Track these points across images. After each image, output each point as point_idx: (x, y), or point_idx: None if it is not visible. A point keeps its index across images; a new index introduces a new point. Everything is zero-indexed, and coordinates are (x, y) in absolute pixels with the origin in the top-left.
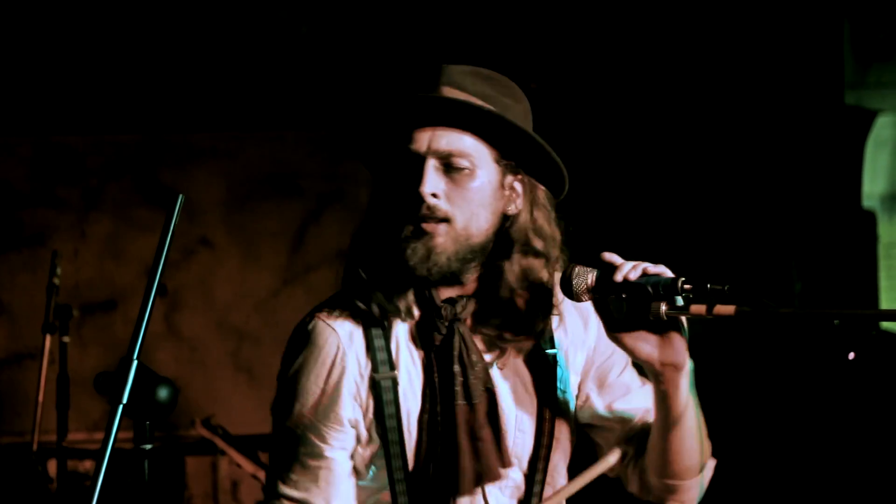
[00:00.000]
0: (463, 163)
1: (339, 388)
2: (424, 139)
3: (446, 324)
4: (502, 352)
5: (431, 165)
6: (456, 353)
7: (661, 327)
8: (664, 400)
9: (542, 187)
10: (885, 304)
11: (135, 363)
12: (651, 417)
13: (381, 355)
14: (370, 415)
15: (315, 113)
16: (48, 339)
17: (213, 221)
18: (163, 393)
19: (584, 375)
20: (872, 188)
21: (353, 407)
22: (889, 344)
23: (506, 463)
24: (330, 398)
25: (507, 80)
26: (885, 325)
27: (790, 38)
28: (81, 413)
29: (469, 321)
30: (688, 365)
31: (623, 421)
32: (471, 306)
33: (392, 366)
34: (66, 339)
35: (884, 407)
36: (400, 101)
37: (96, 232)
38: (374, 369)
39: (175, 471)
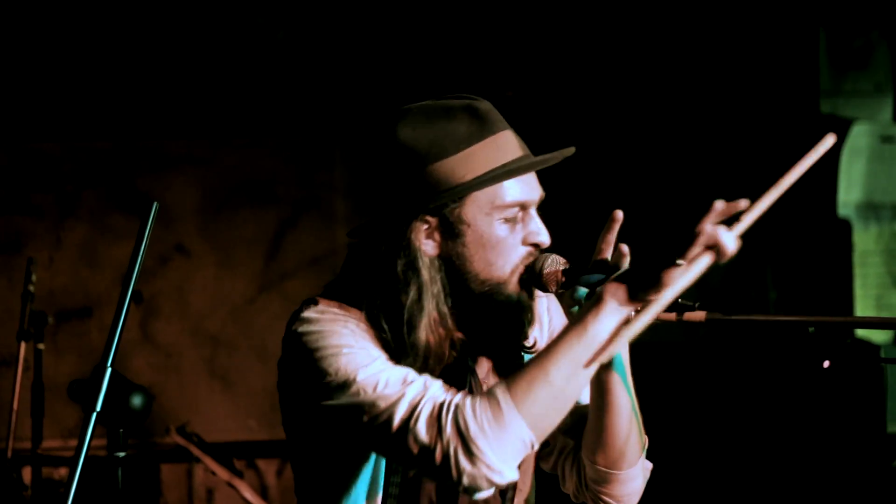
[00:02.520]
0: None
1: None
2: (534, 190)
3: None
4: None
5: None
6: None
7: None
8: (597, 375)
9: None
10: (860, 312)
11: (108, 371)
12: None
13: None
14: None
15: (291, 120)
16: (23, 346)
17: (189, 228)
18: (136, 400)
19: None
20: (848, 197)
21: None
22: (864, 352)
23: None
24: (368, 341)
25: None
26: (860, 333)
27: (766, 47)
28: (56, 420)
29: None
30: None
31: (573, 411)
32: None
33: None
34: (41, 346)
35: (858, 415)
36: (519, 164)
37: (72, 239)
38: None
39: (150, 478)
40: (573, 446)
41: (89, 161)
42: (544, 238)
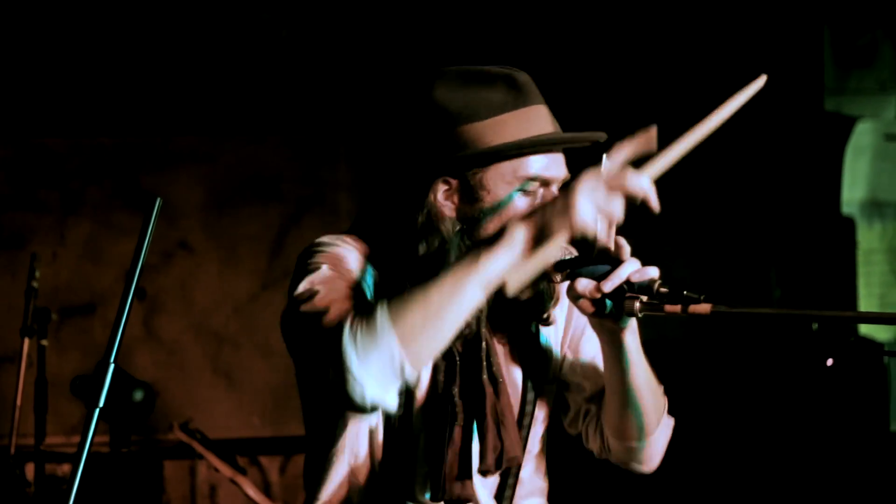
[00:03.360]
0: None
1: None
2: (558, 168)
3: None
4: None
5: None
6: (483, 342)
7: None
8: (611, 356)
9: None
10: (863, 309)
11: (111, 367)
12: None
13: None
14: None
15: (295, 117)
16: (26, 342)
17: (193, 225)
18: (139, 396)
19: (563, 343)
20: (851, 195)
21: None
22: (867, 350)
23: (524, 447)
24: (358, 275)
25: None
26: (864, 331)
27: (770, 44)
28: (59, 416)
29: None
30: (632, 324)
31: (593, 379)
32: None
33: None
34: (44, 342)
35: (862, 413)
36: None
37: (75, 235)
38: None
39: (153, 475)
40: (595, 411)
41: (94, 157)
42: None
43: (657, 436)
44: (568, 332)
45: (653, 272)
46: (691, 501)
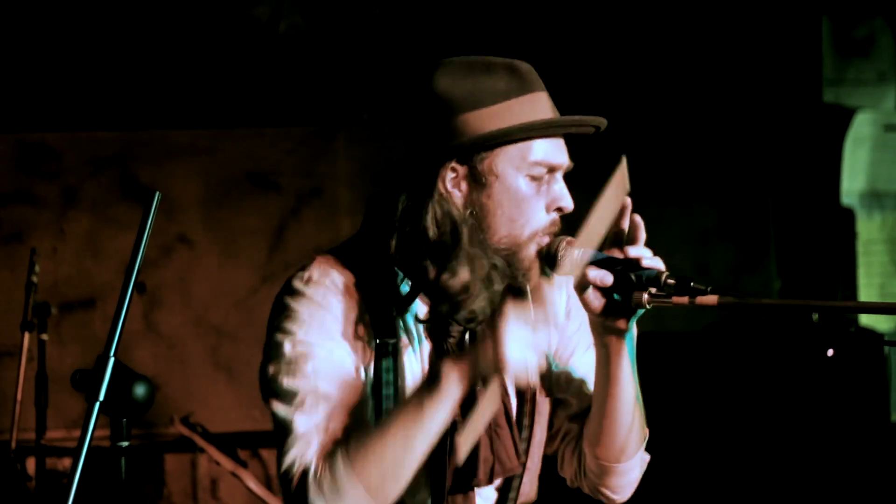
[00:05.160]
0: None
1: (338, 330)
2: (563, 155)
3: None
4: None
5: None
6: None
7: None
8: (605, 363)
9: None
10: (863, 300)
11: (112, 360)
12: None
13: (380, 320)
14: (369, 376)
15: (294, 110)
16: (26, 336)
17: (192, 219)
18: (140, 390)
19: (556, 348)
20: (851, 185)
21: (353, 355)
22: (868, 341)
23: (520, 455)
24: (328, 339)
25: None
26: (864, 321)
27: (769, 35)
28: (60, 411)
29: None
30: (631, 331)
31: (580, 396)
32: None
33: (394, 332)
34: (44, 336)
35: (862, 404)
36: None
37: (75, 229)
38: (376, 333)
39: (154, 469)
40: (576, 432)
41: (92, 152)
42: (567, 202)
43: (634, 462)
44: (560, 345)
45: (660, 264)
46: (691, 492)
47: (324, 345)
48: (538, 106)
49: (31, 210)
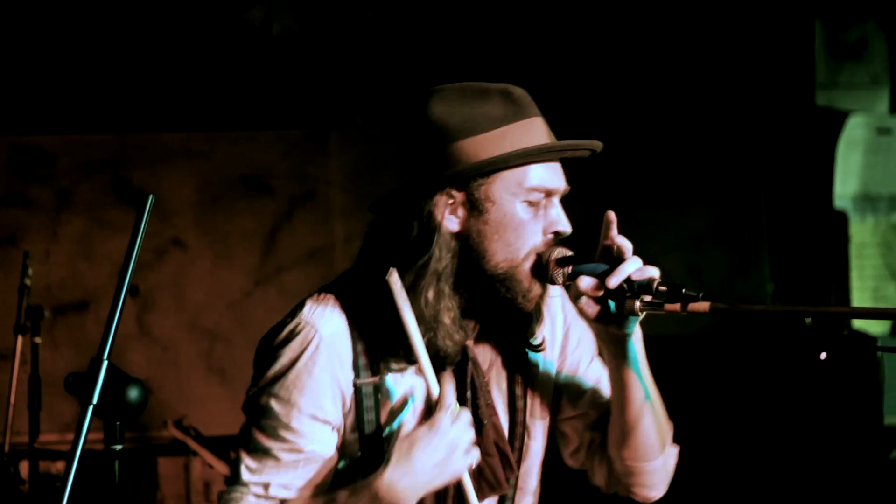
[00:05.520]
0: None
1: (319, 389)
2: (560, 180)
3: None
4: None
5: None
6: (468, 378)
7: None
8: (614, 369)
9: None
10: (857, 303)
11: (105, 364)
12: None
13: (362, 360)
14: (350, 419)
15: (287, 113)
16: (20, 339)
17: (185, 222)
18: (133, 394)
19: (560, 366)
20: (844, 189)
21: (334, 409)
22: (861, 344)
23: (510, 474)
24: (310, 399)
25: None
26: (857, 325)
27: (762, 39)
28: (53, 414)
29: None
30: (637, 333)
31: (596, 405)
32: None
33: (374, 371)
34: (37, 339)
35: (855, 407)
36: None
37: (68, 232)
38: (356, 374)
39: (147, 472)
40: (600, 440)
41: (86, 154)
42: (565, 227)
43: (664, 458)
44: (565, 363)
45: (653, 271)
46: (687, 495)
47: (291, 408)
48: (533, 131)
49: (24, 213)
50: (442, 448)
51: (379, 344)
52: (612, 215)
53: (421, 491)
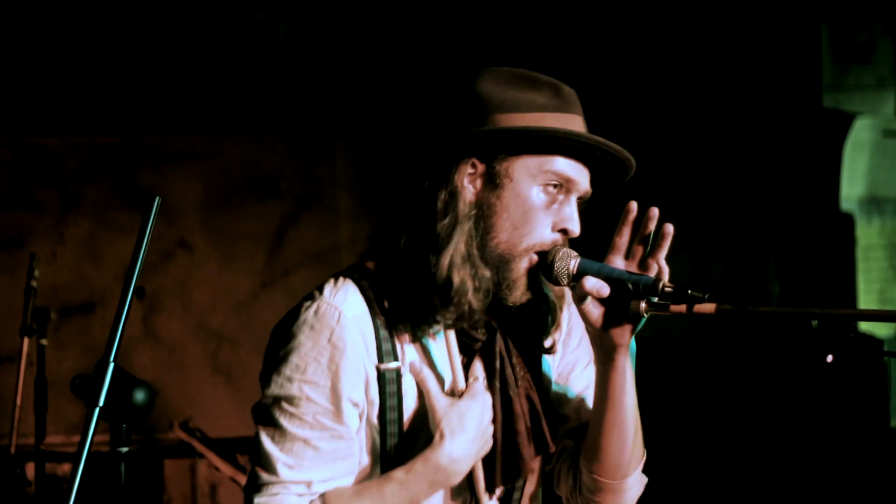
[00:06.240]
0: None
1: (351, 372)
2: (583, 178)
3: (484, 330)
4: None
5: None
6: (497, 354)
7: (631, 319)
8: (605, 379)
9: None
10: (863, 306)
11: (111, 366)
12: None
13: (385, 345)
14: (373, 404)
15: (294, 115)
16: (26, 341)
17: (192, 224)
18: (139, 396)
19: (556, 364)
20: (850, 191)
21: (361, 393)
22: (867, 347)
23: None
24: (346, 381)
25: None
26: (864, 327)
27: (768, 41)
28: (60, 416)
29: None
30: (630, 346)
31: (579, 412)
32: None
33: (396, 356)
34: (43, 341)
35: (862, 410)
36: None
37: (74, 234)
38: (380, 358)
39: (153, 474)
40: (572, 449)
41: (92, 156)
42: (574, 226)
43: (631, 481)
44: (562, 360)
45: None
46: (691, 497)
47: (326, 391)
48: (572, 125)
49: (30, 215)
50: (486, 415)
51: (401, 326)
52: (633, 205)
53: (475, 458)
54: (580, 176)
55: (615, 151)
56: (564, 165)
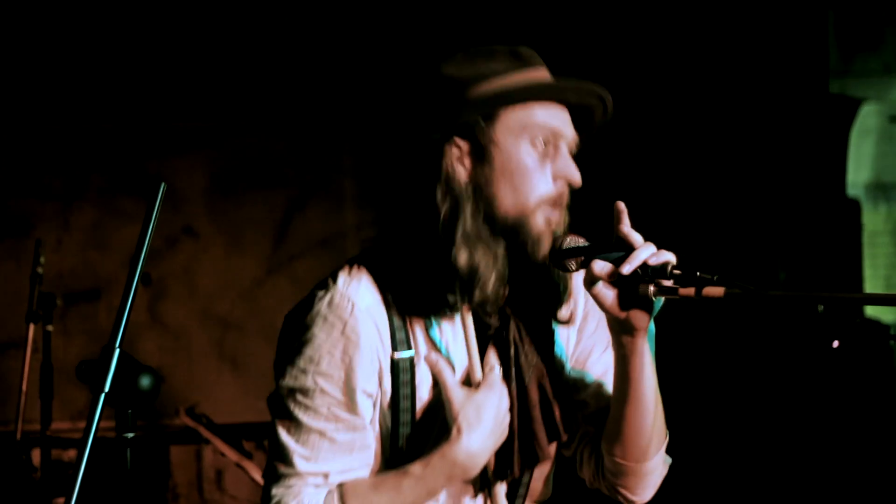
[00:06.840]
0: None
1: (365, 363)
2: (565, 124)
3: (496, 311)
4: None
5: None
6: (511, 342)
7: (643, 302)
8: (624, 363)
9: None
10: (869, 291)
11: (117, 351)
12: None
13: (399, 334)
14: (386, 394)
15: (300, 102)
16: (32, 328)
17: (198, 210)
18: (145, 381)
19: (573, 348)
20: (857, 177)
21: (372, 382)
22: (874, 333)
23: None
24: (361, 372)
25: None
26: (870, 313)
27: (774, 27)
28: (65, 402)
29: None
30: (649, 328)
31: (598, 397)
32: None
33: (410, 345)
34: (49, 328)
35: (868, 394)
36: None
37: (80, 221)
38: (394, 347)
39: (159, 460)
40: (593, 434)
41: (98, 143)
42: (574, 175)
43: (654, 464)
44: (578, 346)
45: (668, 255)
46: (695, 482)
47: (340, 383)
48: (538, 76)
49: (36, 201)
50: (503, 407)
51: (414, 316)
52: (621, 205)
53: (492, 450)
54: (561, 122)
55: (584, 86)
56: (543, 115)
